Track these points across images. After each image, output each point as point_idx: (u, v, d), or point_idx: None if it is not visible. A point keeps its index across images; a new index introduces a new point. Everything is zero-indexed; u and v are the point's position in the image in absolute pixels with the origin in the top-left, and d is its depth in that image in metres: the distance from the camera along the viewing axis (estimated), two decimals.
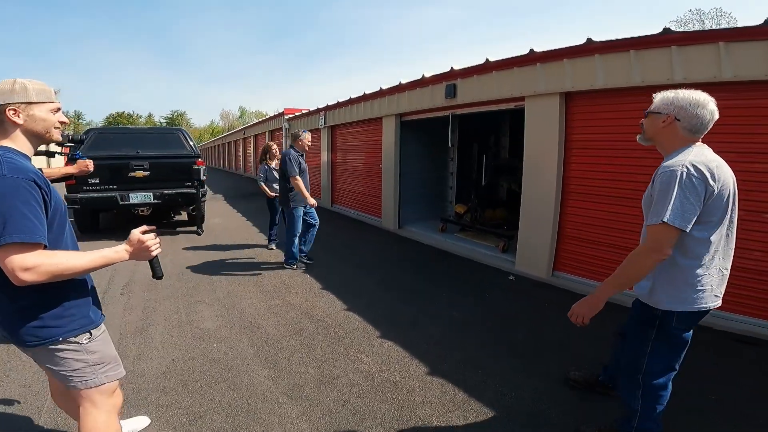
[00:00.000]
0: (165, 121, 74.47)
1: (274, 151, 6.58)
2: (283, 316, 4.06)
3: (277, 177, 5.83)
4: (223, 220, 9.37)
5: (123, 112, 71.64)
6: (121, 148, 7.23)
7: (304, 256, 5.71)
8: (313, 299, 4.48)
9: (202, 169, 7.32)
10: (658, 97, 1.89)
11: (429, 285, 4.96)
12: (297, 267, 5.55)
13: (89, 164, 3.12)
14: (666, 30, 3.77)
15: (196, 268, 5.61)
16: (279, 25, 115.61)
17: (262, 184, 6.46)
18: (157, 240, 1.65)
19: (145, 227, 1.64)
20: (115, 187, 7.03)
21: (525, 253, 5.32)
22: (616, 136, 4.43)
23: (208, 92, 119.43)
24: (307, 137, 5.37)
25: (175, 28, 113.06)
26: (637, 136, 2.01)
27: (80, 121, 67.25)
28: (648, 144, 1.98)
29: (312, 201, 5.28)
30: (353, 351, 3.35)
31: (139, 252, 1.60)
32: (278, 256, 6.17)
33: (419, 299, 4.49)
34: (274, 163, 6.50)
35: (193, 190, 7.41)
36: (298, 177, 5.16)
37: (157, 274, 1.71)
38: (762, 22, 3.25)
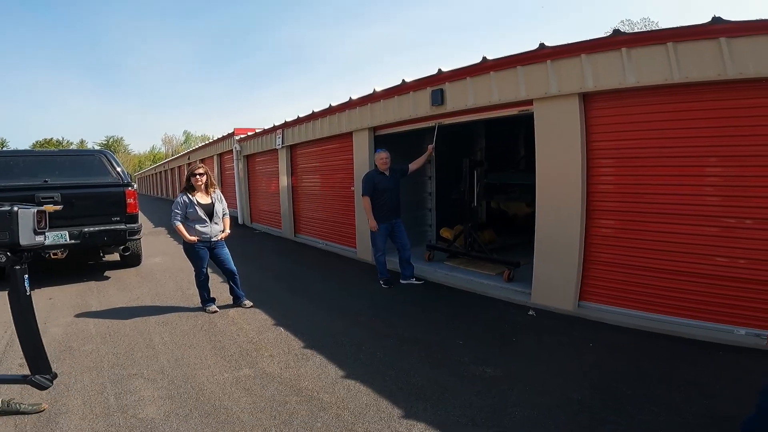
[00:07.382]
0: (99, 147, 69.26)
1: (197, 178, 4.47)
2: (259, 393, 2.92)
3: (203, 216, 4.44)
4: (166, 259, 7.80)
5: (51, 139, 66.05)
6: (24, 176, 5.72)
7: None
8: (296, 364, 3.34)
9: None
10: None
11: (438, 331, 3.97)
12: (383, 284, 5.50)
13: None
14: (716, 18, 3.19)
15: (130, 325, 4.28)
16: (224, 50, 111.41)
17: (178, 223, 4.42)
18: None
19: None
20: None
21: (543, 283, 4.49)
22: (649, 142, 3.78)
23: (149, 117, 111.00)
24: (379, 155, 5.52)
25: (110, 50, 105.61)
26: None
27: (4, 148, 61.55)
28: None
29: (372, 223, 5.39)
30: None
31: None
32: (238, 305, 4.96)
33: (435, 352, 3.49)
34: (199, 196, 4.50)
35: (122, 226, 6.04)
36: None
37: None
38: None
